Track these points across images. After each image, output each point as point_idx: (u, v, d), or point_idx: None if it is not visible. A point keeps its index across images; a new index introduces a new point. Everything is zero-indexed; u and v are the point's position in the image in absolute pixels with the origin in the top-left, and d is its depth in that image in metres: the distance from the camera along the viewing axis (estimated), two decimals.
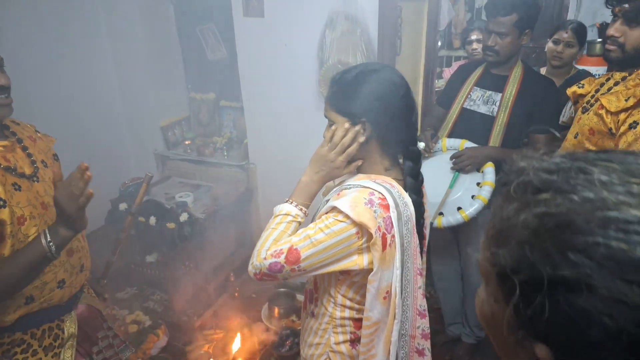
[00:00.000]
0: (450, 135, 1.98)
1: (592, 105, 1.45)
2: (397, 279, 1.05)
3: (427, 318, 1.19)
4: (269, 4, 2.41)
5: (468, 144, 1.88)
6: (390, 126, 1.06)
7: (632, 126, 1.27)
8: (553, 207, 0.36)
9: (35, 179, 1.23)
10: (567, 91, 1.67)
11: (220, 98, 3.17)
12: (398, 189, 1.07)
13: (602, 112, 1.35)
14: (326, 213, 1.04)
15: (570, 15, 4.16)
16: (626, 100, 1.29)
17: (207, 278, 2.62)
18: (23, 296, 1.18)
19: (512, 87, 1.86)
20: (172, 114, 3.24)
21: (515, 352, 0.40)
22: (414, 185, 1.12)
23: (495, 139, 1.87)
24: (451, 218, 1.81)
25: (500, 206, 0.41)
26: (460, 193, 1.83)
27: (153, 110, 3.13)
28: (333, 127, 1.08)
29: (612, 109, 1.31)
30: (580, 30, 2.29)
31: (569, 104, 1.85)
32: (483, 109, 1.93)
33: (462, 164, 1.84)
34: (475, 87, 1.97)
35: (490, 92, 1.93)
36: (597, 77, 1.76)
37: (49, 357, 1.28)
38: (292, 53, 2.43)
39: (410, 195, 1.10)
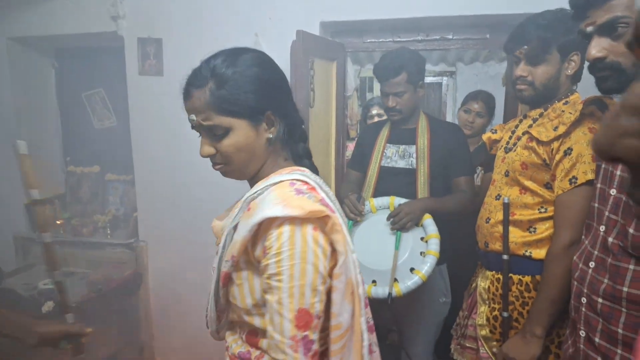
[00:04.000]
0: (374, 196, 1.89)
1: (515, 144, 1.46)
2: (355, 264, 0.88)
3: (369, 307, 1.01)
4: (169, 62, 2.26)
5: (397, 200, 1.78)
6: (292, 110, 0.92)
7: (567, 153, 1.27)
8: None
9: None
10: (482, 137, 1.70)
11: (106, 171, 2.79)
12: (306, 171, 0.92)
13: (533, 144, 1.35)
14: (254, 236, 0.80)
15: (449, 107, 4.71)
16: (555, 129, 1.30)
17: None
18: None
19: (423, 138, 1.87)
20: (42, 191, 2.73)
21: None
22: (312, 167, 0.98)
23: (422, 190, 1.82)
24: (409, 282, 1.60)
25: None
26: (408, 252, 1.66)
27: (17, 186, 2.61)
28: (229, 142, 0.85)
29: (544, 139, 1.31)
30: (490, 102, 2.43)
31: (477, 172, 1.90)
32: (401, 164, 1.90)
33: (402, 222, 1.68)
34: (387, 145, 1.96)
35: (403, 146, 1.92)
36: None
37: None
38: None
39: None
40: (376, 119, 2.91)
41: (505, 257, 1.42)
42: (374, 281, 1.66)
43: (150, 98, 2.33)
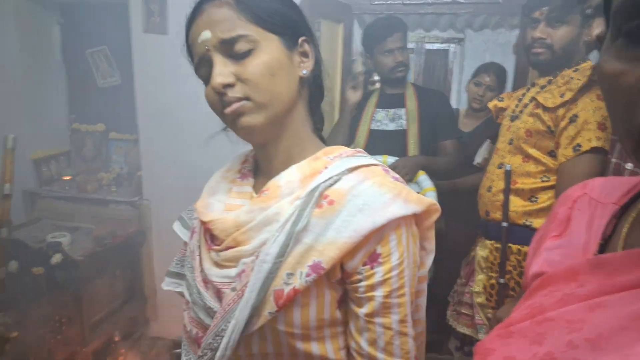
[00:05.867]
0: None
1: (521, 112, 1.45)
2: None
3: None
4: (173, 20, 2.22)
5: (390, 158, 1.81)
6: (320, 57, 0.71)
7: (572, 120, 1.25)
8: None
9: None
10: (488, 104, 1.69)
11: (111, 130, 2.80)
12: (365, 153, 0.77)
13: (539, 110, 1.34)
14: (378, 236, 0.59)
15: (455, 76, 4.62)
16: (562, 96, 1.29)
17: (85, 338, 2.09)
18: None
19: (411, 101, 1.93)
20: (48, 147, 2.76)
21: None
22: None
23: (413, 149, 1.88)
24: None
25: None
26: None
27: (24, 141, 2.63)
28: (258, 61, 0.61)
29: (550, 105, 1.30)
30: (501, 75, 2.33)
31: (484, 144, 1.91)
32: (392, 126, 1.95)
33: (400, 175, 1.73)
34: (377, 109, 1.98)
35: (393, 109, 1.96)
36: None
37: None
38: None
39: None
40: (377, 85, 2.89)
41: (504, 224, 1.43)
42: None
43: (154, 56, 2.30)
